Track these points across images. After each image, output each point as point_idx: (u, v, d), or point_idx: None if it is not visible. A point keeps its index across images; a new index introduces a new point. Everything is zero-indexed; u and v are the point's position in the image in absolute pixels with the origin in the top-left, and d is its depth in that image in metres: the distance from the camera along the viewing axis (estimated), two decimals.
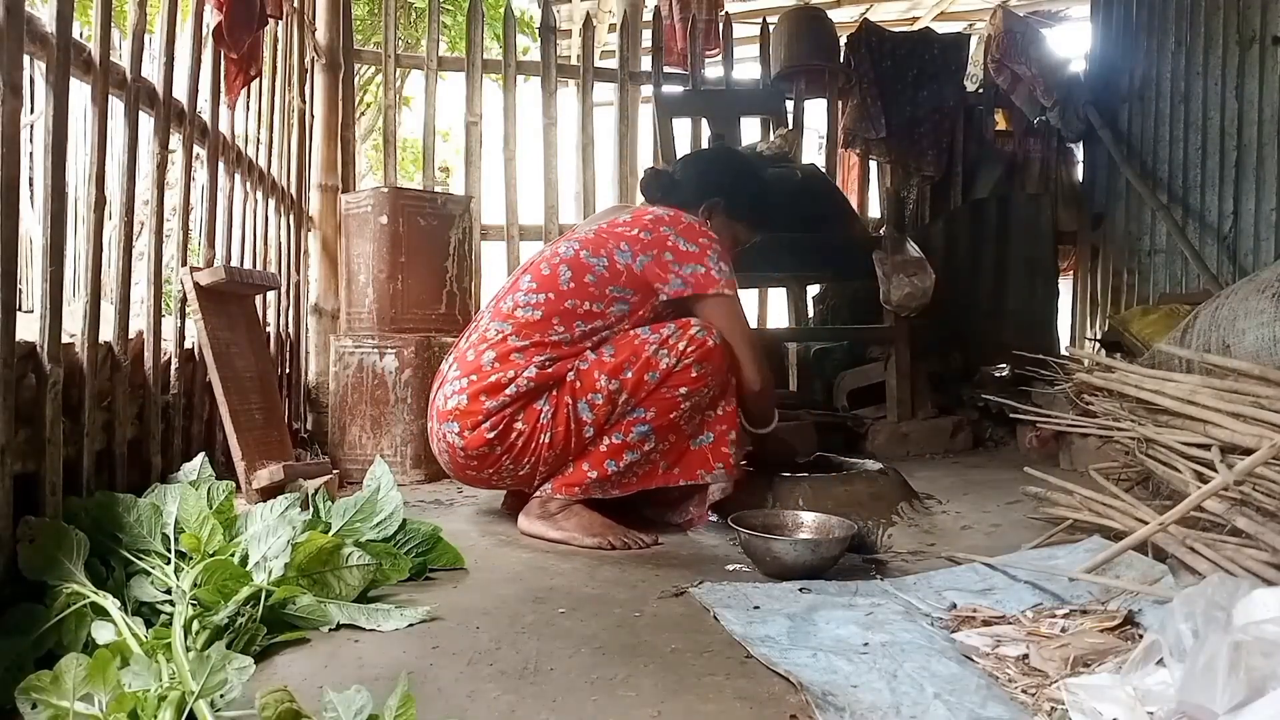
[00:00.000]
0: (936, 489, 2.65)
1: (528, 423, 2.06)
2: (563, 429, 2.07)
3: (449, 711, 1.15)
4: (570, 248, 2.20)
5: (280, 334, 3.24)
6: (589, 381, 2.07)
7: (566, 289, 2.13)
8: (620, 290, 2.14)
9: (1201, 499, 1.47)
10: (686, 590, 1.68)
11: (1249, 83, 4.12)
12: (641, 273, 2.15)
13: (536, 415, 2.06)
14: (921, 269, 3.32)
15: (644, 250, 2.16)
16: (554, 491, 2.11)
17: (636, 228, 2.19)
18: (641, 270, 2.15)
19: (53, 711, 1.06)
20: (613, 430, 2.09)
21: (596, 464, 2.10)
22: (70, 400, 1.63)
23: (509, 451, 2.08)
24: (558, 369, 2.08)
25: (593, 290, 2.13)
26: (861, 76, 4.87)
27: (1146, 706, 1.08)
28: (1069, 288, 5.15)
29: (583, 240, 2.21)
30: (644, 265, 2.15)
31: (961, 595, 1.64)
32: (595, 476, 2.10)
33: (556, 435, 2.07)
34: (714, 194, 2.36)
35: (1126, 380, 1.92)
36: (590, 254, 2.16)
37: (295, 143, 3.52)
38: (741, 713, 1.17)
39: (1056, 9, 6.90)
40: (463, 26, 4.89)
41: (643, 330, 2.12)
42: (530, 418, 2.06)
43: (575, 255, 2.17)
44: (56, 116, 1.58)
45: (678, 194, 2.38)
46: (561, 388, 2.07)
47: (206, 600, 1.38)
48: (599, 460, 2.10)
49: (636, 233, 2.18)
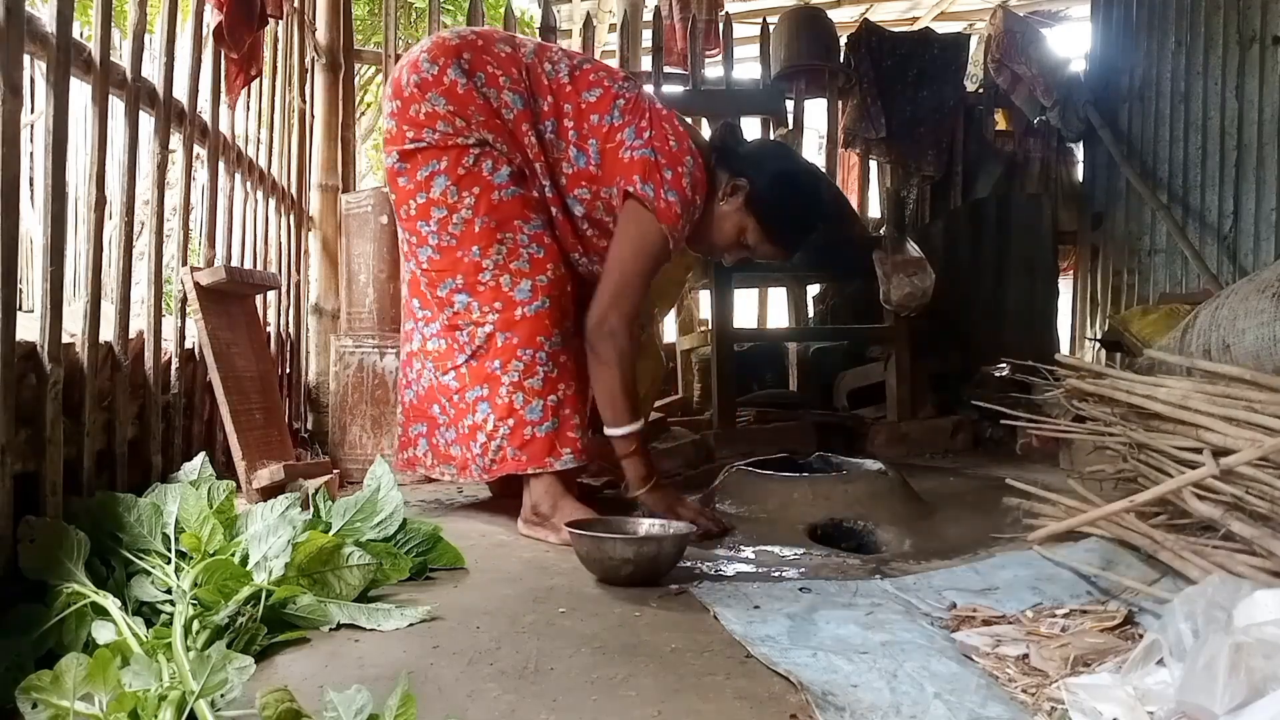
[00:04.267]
0: (936, 489, 2.65)
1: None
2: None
3: (449, 711, 1.15)
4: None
5: (280, 334, 3.24)
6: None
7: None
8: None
9: (1182, 485, 1.48)
10: (687, 590, 1.68)
11: (1249, 83, 4.12)
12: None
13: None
14: (921, 269, 3.32)
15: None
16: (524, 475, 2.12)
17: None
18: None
19: (53, 711, 1.06)
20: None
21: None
22: (70, 400, 1.63)
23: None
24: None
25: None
26: (861, 76, 4.87)
27: (1146, 706, 1.08)
28: (1069, 288, 5.15)
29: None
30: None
31: (961, 595, 1.64)
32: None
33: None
34: (752, 175, 2.19)
35: (1118, 386, 1.92)
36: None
37: (295, 143, 3.52)
38: (741, 712, 1.17)
39: (1056, 9, 6.90)
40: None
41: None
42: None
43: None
44: (57, 116, 1.58)
45: (726, 155, 2.24)
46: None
47: (207, 600, 1.38)
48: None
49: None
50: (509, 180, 2.11)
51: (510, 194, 2.11)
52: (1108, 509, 1.60)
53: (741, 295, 4.45)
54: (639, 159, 2.11)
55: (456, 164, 2.08)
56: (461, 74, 2.09)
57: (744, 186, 2.19)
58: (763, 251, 2.28)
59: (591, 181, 2.17)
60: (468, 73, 2.10)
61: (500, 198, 2.10)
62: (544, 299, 2.11)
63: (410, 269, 2.27)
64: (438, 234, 2.12)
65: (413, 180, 2.11)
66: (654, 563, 1.73)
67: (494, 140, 2.11)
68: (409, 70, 2.13)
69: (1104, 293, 4.91)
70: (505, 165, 2.11)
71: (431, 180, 2.09)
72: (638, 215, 2.11)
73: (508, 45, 2.18)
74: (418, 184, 2.11)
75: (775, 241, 2.25)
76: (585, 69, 2.21)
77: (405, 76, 2.13)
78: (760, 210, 2.20)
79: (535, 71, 2.16)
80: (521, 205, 2.12)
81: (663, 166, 2.10)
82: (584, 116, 2.15)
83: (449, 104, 2.08)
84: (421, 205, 2.11)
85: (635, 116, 2.15)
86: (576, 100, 2.16)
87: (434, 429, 2.28)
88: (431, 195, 2.10)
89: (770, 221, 2.21)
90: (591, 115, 2.15)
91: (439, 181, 2.09)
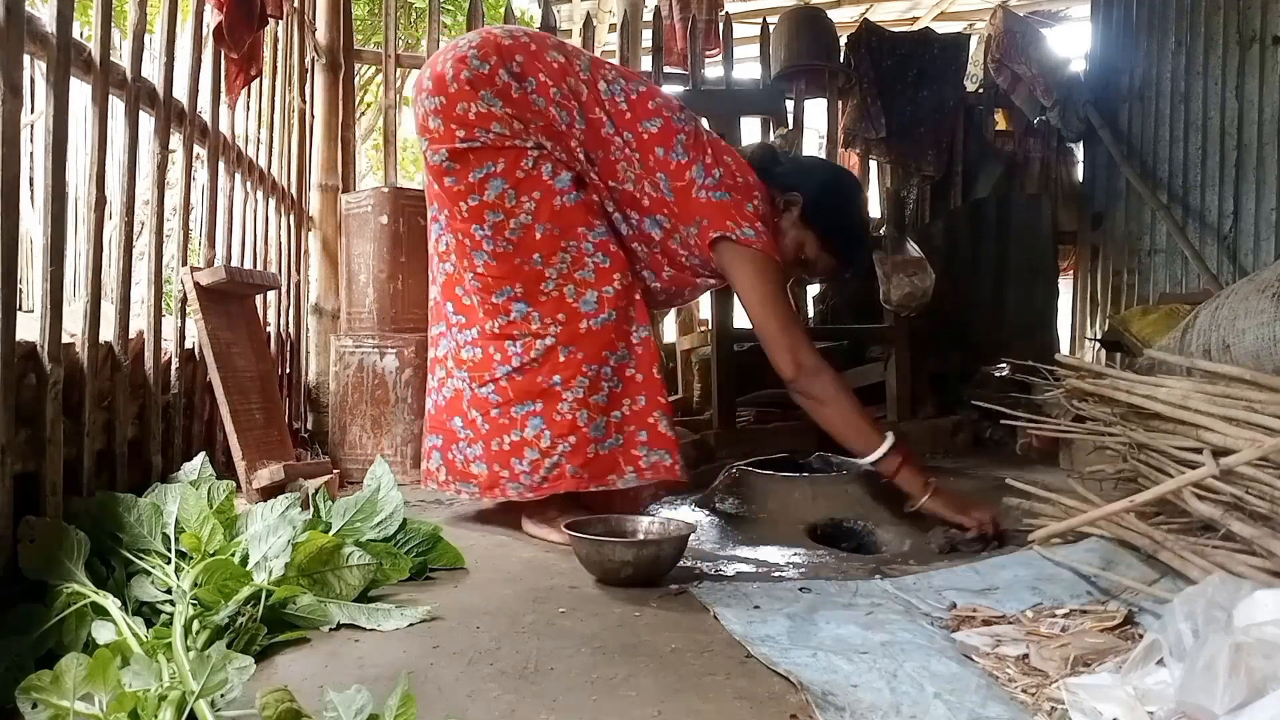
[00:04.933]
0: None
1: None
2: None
3: (449, 711, 1.15)
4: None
5: (280, 334, 3.24)
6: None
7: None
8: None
9: (1182, 485, 1.48)
10: (687, 590, 1.68)
11: (1249, 83, 4.12)
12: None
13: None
14: (921, 269, 3.32)
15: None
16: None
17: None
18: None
19: (53, 711, 1.06)
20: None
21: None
22: (70, 400, 1.63)
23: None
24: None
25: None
26: (861, 76, 4.87)
27: (1146, 706, 1.08)
28: (1069, 288, 5.15)
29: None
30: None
31: (961, 595, 1.64)
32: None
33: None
34: (802, 187, 2.19)
35: (1118, 386, 1.92)
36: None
37: (295, 143, 3.52)
38: (741, 712, 1.17)
39: (1056, 9, 6.90)
40: (463, 26, 4.89)
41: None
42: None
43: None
44: (56, 116, 1.58)
45: (767, 173, 2.22)
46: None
47: (207, 600, 1.38)
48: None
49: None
50: (571, 185, 2.03)
51: (573, 199, 2.03)
52: (1108, 509, 1.60)
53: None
54: (718, 203, 2.07)
55: (514, 167, 1.99)
56: (513, 77, 2.01)
57: (797, 200, 2.18)
58: (821, 266, 2.25)
59: (670, 215, 2.12)
60: (518, 76, 2.01)
61: (563, 203, 2.02)
62: (610, 311, 2.03)
63: (446, 270, 2.17)
64: (493, 239, 2.02)
65: (463, 181, 2.01)
66: (654, 564, 1.73)
67: (551, 146, 2.03)
68: (454, 63, 2.00)
69: (1104, 293, 4.90)
70: (565, 170, 2.03)
71: (486, 183, 1.99)
72: (749, 258, 2.07)
73: (560, 54, 2.10)
74: (470, 185, 2.00)
75: (835, 252, 2.23)
76: (642, 94, 2.14)
77: (450, 70, 2.00)
78: (818, 222, 2.18)
79: (594, 88, 2.09)
80: (585, 211, 2.05)
81: (743, 205, 2.10)
82: (648, 149, 2.09)
83: (505, 106, 1.99)
84: (474, 208, 2.02)
85: (699, 153, 2.11)
86: (637, 130, 2.10)
87: (451, 443, 2.19)
88: (486, 198, 2.00)
89: (830, 233, 2.20)
90: (656, 149, 2.09)
91: (494, 184, 1.99)
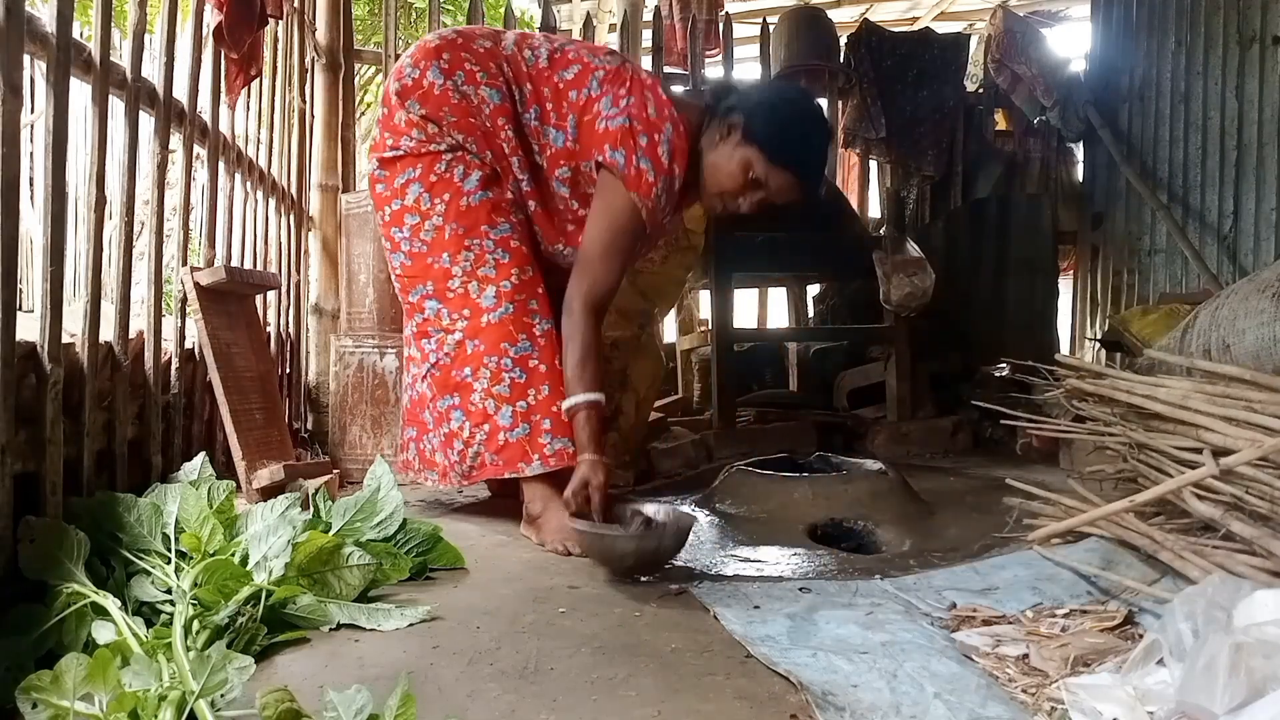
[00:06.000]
0: (936, 489, 2.65)
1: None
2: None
3: (449, 711, 1.15)
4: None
5: (280, 334, 3.24)
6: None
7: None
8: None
9: (1182, 485, 1.48)
10: (686, 590, 1.68)
11: (1249, 83, 4.12)
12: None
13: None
14: (921, 269, 3.32)
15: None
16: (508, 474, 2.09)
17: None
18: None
19: (53, 711, 1.06)
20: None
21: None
22: (70, 400, 1.63)
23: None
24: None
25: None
26: (861, 76, 4.88)
27: (1146, 706, 1.08)
28: (1069, 288, 5.15)
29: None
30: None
31: (961, 595, 1.64)
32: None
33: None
34: (742, 107, 2.05)
35: (1118, 386, 1.92)
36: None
37: (295, 143, 3.52)
38: (741, 712, 1.17)
39: (1056, 9, 6.91)
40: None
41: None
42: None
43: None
44: (56, 116, 1.58)
45: (718, 110, 2.11)
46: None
47: (207, 600, 1.38)
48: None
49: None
50: (478, 185, 2.10)
51: (478, 199, 2.10)
52: (1108, 509, 1.60)
53: (741, 295, 4.45)
54: (615, 128, 2.05)
55: (429, 171, 2.10)
56: (440, 74, 2.11)
57: (737, 122, 2.04)
58: (776, 185, 2.05)
59: (570, 158, 2.15)
60: (446, 72, 2.11)
61: (468, 203, 2.09)
62: (507, 305, 2.08)
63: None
64: (410, 240, 2.13)
65: (390, 187, 2.13)
66: (655, 555, 1.78)
67: (466, 142, 2.11)
68: (394, 78, 2.17)
69: (1104, 293, 4.91)
70: (476, 170, 2.11)
71: (407, 188, 2.11)
72: (607, 185, 2.07)
73: (488, 40, 2.18)
74: (394, 191, 2.13)
75: (784, 165, 2.03)
76: (565, 50, 2.19)
77: (392, 84, 2.16)
78: (759, 136, 2.02)
79: (515, 61, 2.16)
80: (489, 210, 2.11)
81: (638, 133, 2.03)
82: (563, 95, 2.14)
83: (423, 108, 2.10)
84: (396, 212, 2.13)
85: (614, 86, 2.10)
86: (554, 81, 2.15)
87: (423, 434, 2.28)
88: (406, 202, 2.11)
89: (772, 145, 2.02)
90: (570, 92, 2.13)
91: (413, 189, 2.11)
